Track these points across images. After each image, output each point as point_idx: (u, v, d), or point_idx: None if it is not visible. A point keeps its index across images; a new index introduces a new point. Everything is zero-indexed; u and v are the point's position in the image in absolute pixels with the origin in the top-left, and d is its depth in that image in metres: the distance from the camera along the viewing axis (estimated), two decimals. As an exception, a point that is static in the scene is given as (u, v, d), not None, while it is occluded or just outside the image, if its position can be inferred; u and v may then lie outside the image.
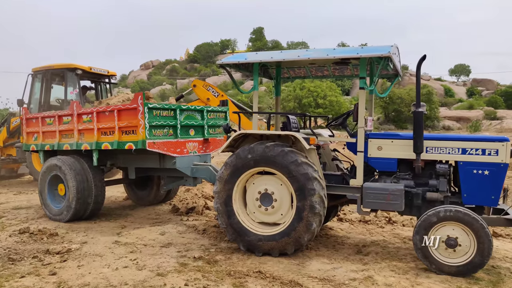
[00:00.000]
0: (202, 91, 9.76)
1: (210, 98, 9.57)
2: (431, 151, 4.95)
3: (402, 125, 34.89)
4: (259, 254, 5.10)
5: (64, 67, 10.79)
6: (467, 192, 4.83)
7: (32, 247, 5.54)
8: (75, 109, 7.01)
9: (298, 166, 4.87)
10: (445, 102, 45.90)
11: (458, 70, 71.66)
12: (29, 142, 7.97)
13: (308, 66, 6.17)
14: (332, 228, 6.50)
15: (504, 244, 5.70)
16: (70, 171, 6.87)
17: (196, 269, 4.66)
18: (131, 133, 6.34)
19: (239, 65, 5.60)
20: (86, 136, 6.92)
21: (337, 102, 33.54)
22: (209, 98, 9.58)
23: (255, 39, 74.72)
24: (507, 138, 4.74)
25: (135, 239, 5.92)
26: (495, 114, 37.16)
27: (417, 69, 4.88)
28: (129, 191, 8.74)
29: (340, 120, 5.69)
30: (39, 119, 7.66)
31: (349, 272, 4.56)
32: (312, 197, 4.82)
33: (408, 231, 6.34)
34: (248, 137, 5.47)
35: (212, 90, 9.69)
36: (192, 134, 6.97)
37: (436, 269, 4.47)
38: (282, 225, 5.07)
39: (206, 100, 9.62)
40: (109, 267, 4.77)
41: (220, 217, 5.30)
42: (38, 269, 4.71)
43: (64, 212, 6.95)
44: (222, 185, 5.26)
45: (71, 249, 5.37)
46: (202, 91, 9.76)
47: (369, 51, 4.82)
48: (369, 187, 4.93)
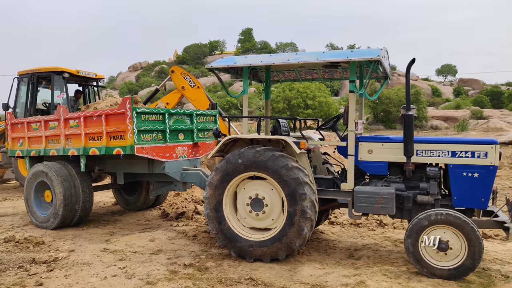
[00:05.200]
0: (179, 78, 9.40)
1: (185, 87, 9.18)
2: (421, 154, 4.95)
3: (391, 125, 35.14)
4: (250, 260, 5.04)
5: (51, 70, 10.59)
6: (457, 194, 4.84)
7: (18, 257, 5.41)
8: (61, 114, 6.87)
9: (289, 171, 4.83)
10: (433, 102, 46.39)
11: (445, 70, 72.62)
12: (14, 148, 7.80)
13: (298, 69, 6.14)
14: (324, 231, 6.47)
15: (494, 245, 5.74)
16: (57, 177, 6.73)
17: (187, 276, 4.59)
18: (119, 138, 6.23)
19: (229, 68, 5.55)
20: (73, 142, 6.79)
21: (326, 103, 33.61)
22: (184, 87, 9.19)
23: (244, 40, 74.72)
24: (496, 141, 4.77)
25: (124, 246, 5.82)
26: (482, 114, 37.66)
27: (407, 73, 4.89)
28: (118, 196, 8.62)
29: (330, 123, 5.67)
30: (25, 124, 7.50)
31: (341, 277, 4.53)
32: (303, 202, 4.79)
33: (399, 233, 6.35)
34: (238, 141, 5.42)
35: (190, 80, 9.32)
36: (182, 138, 6.89)
37: (427, 272, 4.46)
38: (273, 230, 5.03)
39: (181, 88, 9.26)
40: (97, 276, 4.67)
41: (210, 223, 5.24)
42: (23, 279, 4.59)
43: (51, 219, 6.81)
44: (212, 191, 5.20)
45: (58, 257, 5.25)
46: (179, 78, 9.40)
47: (359, 55, 4.80)
48: (360, 191, 4.91)
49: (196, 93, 9.28)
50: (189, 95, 9.31)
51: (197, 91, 9.19)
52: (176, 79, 9.45)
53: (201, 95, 9.34)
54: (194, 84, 9.26)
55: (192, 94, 9.24)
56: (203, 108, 9.00)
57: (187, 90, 9.20)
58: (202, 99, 9.27)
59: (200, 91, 9.26)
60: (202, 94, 9.39)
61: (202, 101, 9.25)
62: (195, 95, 9.32)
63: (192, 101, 9.45)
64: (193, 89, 9.18)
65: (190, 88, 9.22)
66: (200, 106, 9.28)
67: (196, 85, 9.32)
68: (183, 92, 9.21)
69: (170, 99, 9.57)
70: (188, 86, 9.24)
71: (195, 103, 9.39)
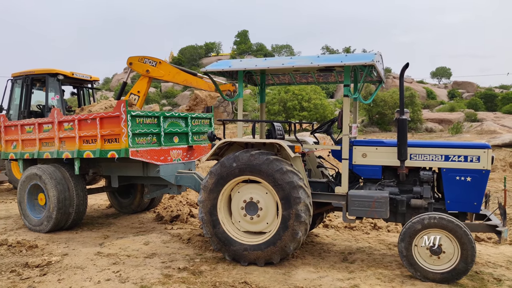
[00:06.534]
0: (140, 65, 9.08)
1: (149, 69, 8.81)
2: (415, 158, 4.99)
3: (386, 127, 35.28)
4: (244, 263, 5.04)
5: (45, 72, 10.55)
6: (450, 198, 4.88)
7: (10, 260, 5.37)
8: (55, 116, 6.84)
9: (284, 175, 4.84)
10: (427, 104, 46.63)
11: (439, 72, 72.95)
12: (7, 150, 7.75)
13: (293, 73, 6.16)
14: (318, 235, 6.49)
15: (487, 248, 5.77)
16: (50, 180, 6.70)
17: (181, 280, 4.58)
18: (113, 141, 6.21)
19: (224, 72, 5.56)
20: (68, 144, 6.76)
21: (321, 105, 33.70)
22: (148, 70, 8.87)
23: (239, 42, 74.71)
24: (489, 145, 4.81)
25: (118, 250, 5.79)
26: (476, 116, 37.91)
27: (400, 77, 4.92)
28: (112, 199, 8.59)
29: (325, 127, 5.70)
30: (18, 126, 7.46)
31: (335, 281, 4.54)
32: (297, 206, 4.80)
33: (393, 236, 6.38)
34: (233, 145, 5.43)
35: (149, 61, 9.00)
36: (176, 141, 6.88)
37: (421, 276, 4.49)
38: (268, 234, 5.03)
39: (146, 72, 8.98)
40: (90, 280, 4.65)
41: (205, 226, 5.23)
42: (16, 284, 4.56)
43: (45, 222, 6.77)
44: (207, 194, 5.20)
45: (51, 261, 5.22)
46: (140, 65, 9.08)
47: (353, 59, 4.83)
48: (354, 195, 4.93)
49: (161, 69, 8.79)
50: (157, 74, 8.86)
51: (161, 66, 8.82)
52: (137, 67, 9.08)
53: (167, 67, 8.84)
54: (155, 62, 9.01)
55: (158, 71, 8.82)
56: (178, 81, 8.78)
57: (152, 71, 8.84)
58: (170, 70, 8.85)
59: (164, 64, 8.87)
60: (167, 66, 9.09)
61: (171, 73, 8.93)
62: (162, 71, 8.82)
63: (162, 76, 8.85)
64: (157, 66, 8.90)
65: (154, 68, 8.88)
66: (173, 78, 8.98)
67: (157, 61, 9.01)
68: (150, 74, 8.85)
69: (139, 87, 9.18)
70: (151, 67, 8.91)
71: (166, 78, 9.06)
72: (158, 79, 9.26)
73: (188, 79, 8.98)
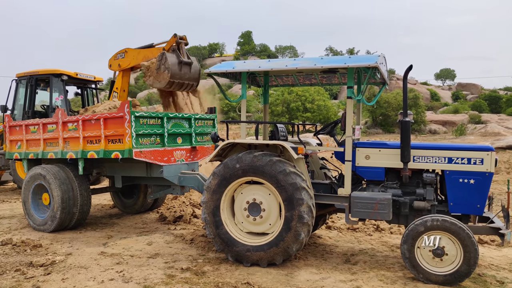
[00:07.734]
0: (114, 63, 8.88)
1: (120, 63, 8.75)
2: (418, 160, 4.99)
3: (390, 129, 35.22)
4: (247, 264, 5.06)
5: (50, 72, 10.61)
6: (453, 201, 4.87)
7: (15, 260, 5.41)
8: (60, 116, 6.89)
9: (287, 176, 4.85)
10: (431, 106, 46.50)
11: (443, 74, 72.79)
12: (12, 150, 7.81)
13: (296, 74, 6.17)
14: (321, 236, 6.49)
15: (490, 251, 5.76)
16: (54, 180, 6.74)
17: (184, 281, 4.60)
18: (117, 142, 6.25)
19: (227, 73, 5.59)
20: (72, 145, 6.81)
21: (325, 107, 33.68)
22: (120, 63, 8.76)
23: (243, 43, 74.82)
24: (492, 148, 4.81)
25: (121, 250, 5.82)
26: (480, 118, 37.74)
27: (404, 79, 4.93)
28: (116, 199, 8.63)
29: (328, 129, 5.71)
30: (23, 127, 7.51)
31: (337, 282, 4.55)
32: (300, 207, 4.81)
33: (396, 238, 6.37)
34: (236, 146, 5.45)
35: (120, 55, 8.81)
36: (180, 142, 6.91)
37: (423, 278, 4.49)
38: (271, 235, 5.04)
39: (118, 66, 8.79)
40: (94, 279, 4.68)
41: (208, 227, 5.25)
42: (20, 283, 4.60)
43: (49, 222, 6.81)
44: (210, 195, 5.22)
45: (56, 261, 5.26)
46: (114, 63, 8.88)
47: (357, 61, 4.84)
48: (357, 197, 4.94)
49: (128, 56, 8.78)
50: (125, 64, 8.56)
51: (127, 54, 8.69)
52: (113, 65, 8.98)
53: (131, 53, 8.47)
54: (123, 53, 8.80)
55: (127, 59, 8.61)
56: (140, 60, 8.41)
57: (122, 63, 8.63)
58: (133, 54, 8.61)
59: (129, 50, 8.61)
60: (132, 51, 8.79)
61: (134, 56, 8.64)
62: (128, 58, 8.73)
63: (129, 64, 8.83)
64: (126, 56, 8.78)
65: (123, 59, 8.72)
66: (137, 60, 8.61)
67: (124, 51, 8.81)
68: (121, 67, 8.76)
69: (117, 83, 8.98)
70: (121, 60, 8.70)
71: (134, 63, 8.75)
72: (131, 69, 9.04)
73: (146, 55, 8.49)
